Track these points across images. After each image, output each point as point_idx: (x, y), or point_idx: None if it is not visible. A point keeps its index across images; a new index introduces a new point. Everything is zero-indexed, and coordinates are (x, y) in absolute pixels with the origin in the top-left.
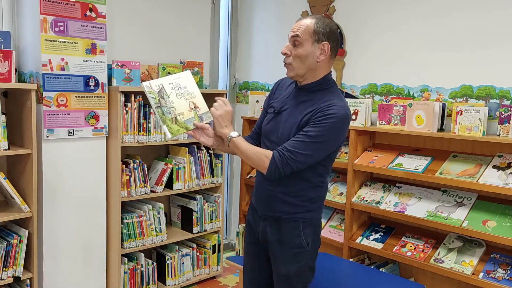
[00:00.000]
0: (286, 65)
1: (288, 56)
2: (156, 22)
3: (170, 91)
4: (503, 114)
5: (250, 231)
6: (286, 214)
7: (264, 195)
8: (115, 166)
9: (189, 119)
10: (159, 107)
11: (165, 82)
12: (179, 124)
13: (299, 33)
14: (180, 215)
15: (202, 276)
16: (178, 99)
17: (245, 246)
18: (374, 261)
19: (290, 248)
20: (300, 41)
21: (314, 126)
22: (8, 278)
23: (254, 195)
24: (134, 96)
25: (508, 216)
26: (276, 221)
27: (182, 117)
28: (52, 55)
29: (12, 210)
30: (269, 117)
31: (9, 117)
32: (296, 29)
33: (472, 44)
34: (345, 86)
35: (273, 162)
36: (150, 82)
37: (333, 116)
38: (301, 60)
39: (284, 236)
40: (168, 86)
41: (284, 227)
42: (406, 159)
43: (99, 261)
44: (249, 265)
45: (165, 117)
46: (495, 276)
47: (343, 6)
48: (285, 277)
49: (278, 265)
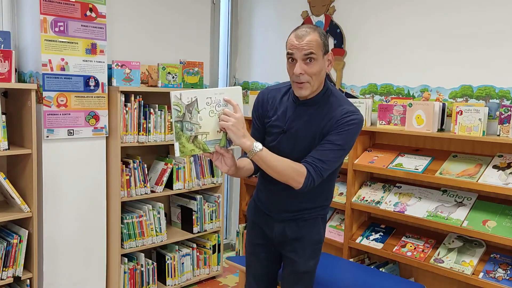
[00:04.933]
0: (300, 84)
1: (303, 75)
2: (156, 22)
3: (204, 106)
4: (503, 114)
5: (258, 233)
6: (307, 214)
7: (281, 201)
8: (115, 166)
9: (212, 141)
10: (180, 122)
11: (201, 95)
12: (197, 144)
13: (313, 50)
14: (180, 215)
15: (202, 276)
16: (211, 117)
17: (250, 246)
18: (374, 261)
19: (311, 245)
20: (316, 58)
21: (339, 134)
22: (8, 278)
23: (264, 201)
24: (134, 96)
25: (508, 216)
26: (295, 221)
27: (205, 137)
28: (52, 55)
29: (12, 210)
30: (276, 137)
31: (9, 117)
32: (308, 46)
33: (472, 44)
34: (345, 86)
35: (309, 176)
36: (182, 93)
37: (354, 123)
38: (317, 76)
39: (306, 234)
40: (203, 100)
41: (305, 226)
42: (406, 159)
43: (99, 261)
44: (256, 264)
45: (182, 133)
46: (495, 276)
47: (343, 6)
48: (304, 274)
49: (298, 263)
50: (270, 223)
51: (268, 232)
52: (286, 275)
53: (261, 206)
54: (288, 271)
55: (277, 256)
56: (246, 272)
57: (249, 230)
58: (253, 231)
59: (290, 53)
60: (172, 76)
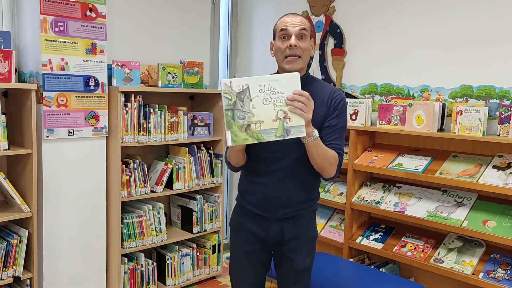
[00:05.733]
0: (293, 58)
1: (297, 48)
2: (156, 22)
3: (257, 94)
4: (503, 114)
5: (250, 239)
6: (302, 209)
7: (278, 198)
8: (115, 166)
9: (268, 130)
10: (231, 110)
11: (254, 83)
12: (250, 133)
13: (305, 27)
14: (180, 215)
15: (202, 276)
16: (265, 104)
17: (242, 254)
18: (374, 261)
19: (307, 242)
20: (306, 35)
21: (338, 118)
22: (8, 278)
23: (255, 201)
24: (134, 96)
25: (508, 216)
26: (292, 219)
27: (259, 126)
28: (52, 55)
29: (12, 210)
30: None
31: (9, 117)
32: (301, 23)
33: (472, 44)
34: (345, 86)
35: (339, 162)
36: (232, 81)
37: (343, 101)
38: (307, 53)
39: (302, 231)
40: (256, 87)
41: (300, 223)
42: (406, 159)
43: (99, 261)
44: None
45: (234, 122)
46: (495, 276)
47: (343, 6)
48: (302, 272)
49: (296, 262)
50: (265, 225)
51: (263, 234)
52: (284, 275)
53: (252, 207)
54: (286, 271)
55: (269, 258)
56: (236, 282)
57: (237, 239)
58: (244, 238)
59: (284, 29)
60: (172, 76)
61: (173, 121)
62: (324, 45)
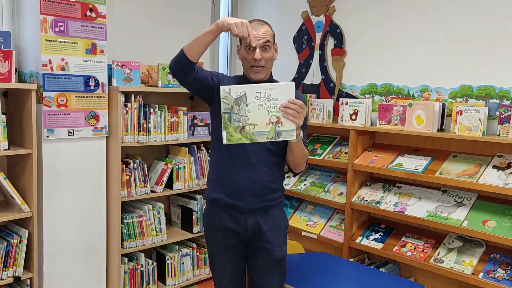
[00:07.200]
0: (257, 68)
1: (262, 60)
2: (156, 22)
3: (254, 100)
4: (503, 114)
5: (226, 235)
6: (273, 200)
7: (250, 189)
8: (115, 166)
9: (261, 132)
10: (228, 113)
11: (251, 90)
12: (244, 133)
13: (269, 38)
14: (180, 215)
15: (202, 276)
16: (259, 110)
17: (219, 251)
18: (374, 261)
19: (282, 231)
20: (270, 46)
21: (306, 118)
22: (8, 278)
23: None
24: (134, 96)
25: (508, 216)
26: (264, 210)
27: (253, 128)
28: (52, 55)
29: (12, 210)
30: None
31: (9, 117)
32: (264, 35)
33: (472, 44)
34: (345, 86)
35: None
36: (230, 88)
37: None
38: (271, 61)
39: (276, 221)
40: (253, 94)
41: (273, 214)
42: (406, 159)
43: (99, 261)
44: (230, 266)
45: (230, 124)
46: (495, 276)
47: (343, 6)
48: (280, 261)
49: (274, 252)
50: (240, 219)
51: (239, 229)
52: (261, 266)
53: (225, 202)
54: (263, 262)
55: (246, 252)
56: (218, 278)
57: (213, 237)
58: (220, 235)
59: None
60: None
61: (173, 121)
62: (324, 45)
